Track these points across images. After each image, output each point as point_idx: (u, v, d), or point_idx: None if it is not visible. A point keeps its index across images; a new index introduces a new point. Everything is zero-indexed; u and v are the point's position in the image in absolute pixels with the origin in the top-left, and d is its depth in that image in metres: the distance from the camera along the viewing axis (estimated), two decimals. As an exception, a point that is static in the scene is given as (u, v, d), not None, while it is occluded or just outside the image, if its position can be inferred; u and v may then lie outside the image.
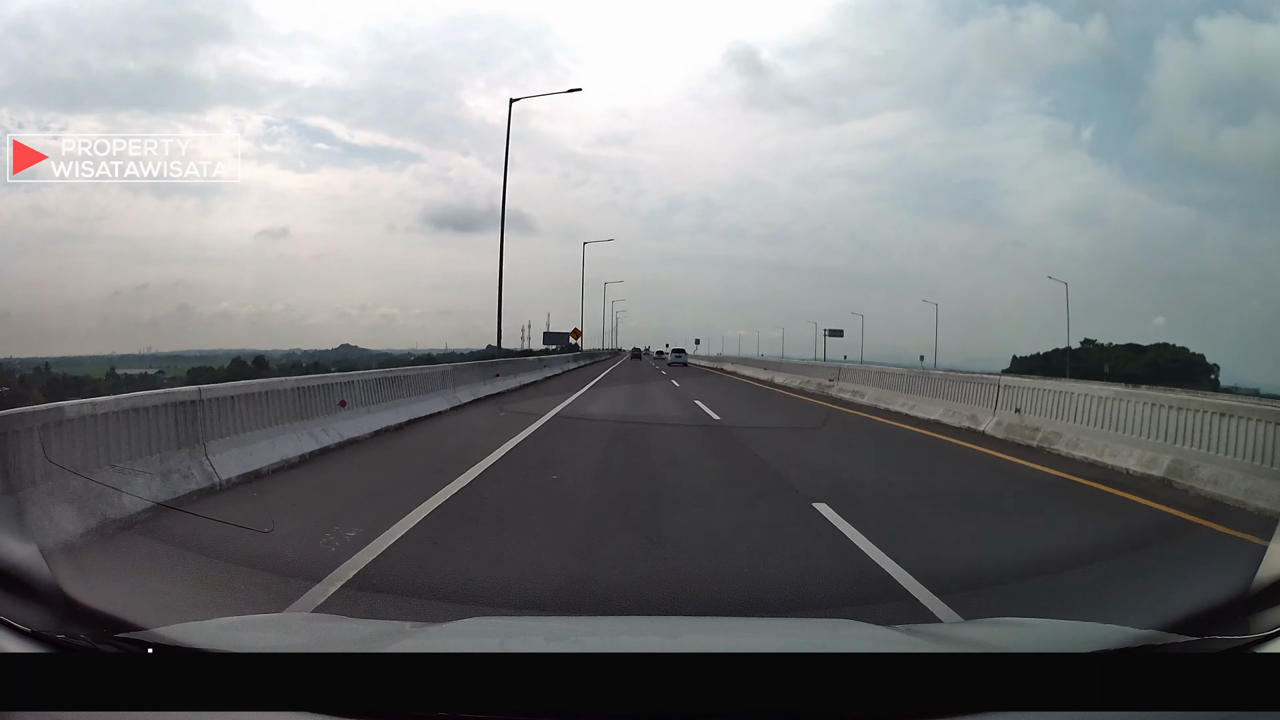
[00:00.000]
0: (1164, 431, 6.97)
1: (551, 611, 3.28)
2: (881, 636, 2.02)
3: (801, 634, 2.34)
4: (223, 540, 4.17)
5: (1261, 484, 5.75)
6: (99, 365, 52.41)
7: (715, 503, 5.86)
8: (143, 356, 61.11)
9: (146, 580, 3.57)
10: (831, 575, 3.93)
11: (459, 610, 2.85)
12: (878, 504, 5.73)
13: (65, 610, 1.75)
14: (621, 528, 4.83)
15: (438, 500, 5.37)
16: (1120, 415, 7.61)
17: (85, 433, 4.36)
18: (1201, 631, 1.78)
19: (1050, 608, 3.21)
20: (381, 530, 4.41)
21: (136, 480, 4.68)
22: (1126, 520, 5.55)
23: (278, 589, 3.41)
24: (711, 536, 4.69)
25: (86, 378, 39.56)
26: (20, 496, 3.79)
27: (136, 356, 61.04)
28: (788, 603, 3.49)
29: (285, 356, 63.52)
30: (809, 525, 4.92)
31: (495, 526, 4.88)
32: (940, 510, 5.74)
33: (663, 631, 2.35)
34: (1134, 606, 3.34)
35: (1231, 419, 6.23)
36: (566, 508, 5.48)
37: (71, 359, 53.85)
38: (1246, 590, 1.88)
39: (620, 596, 3.57)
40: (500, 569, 3.88)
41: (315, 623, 2.66)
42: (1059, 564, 4.04)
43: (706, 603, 3.46)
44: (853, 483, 6.63)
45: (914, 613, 3.29)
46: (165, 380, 33.55)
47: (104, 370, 47.15)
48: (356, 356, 67.73)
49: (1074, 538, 5.00)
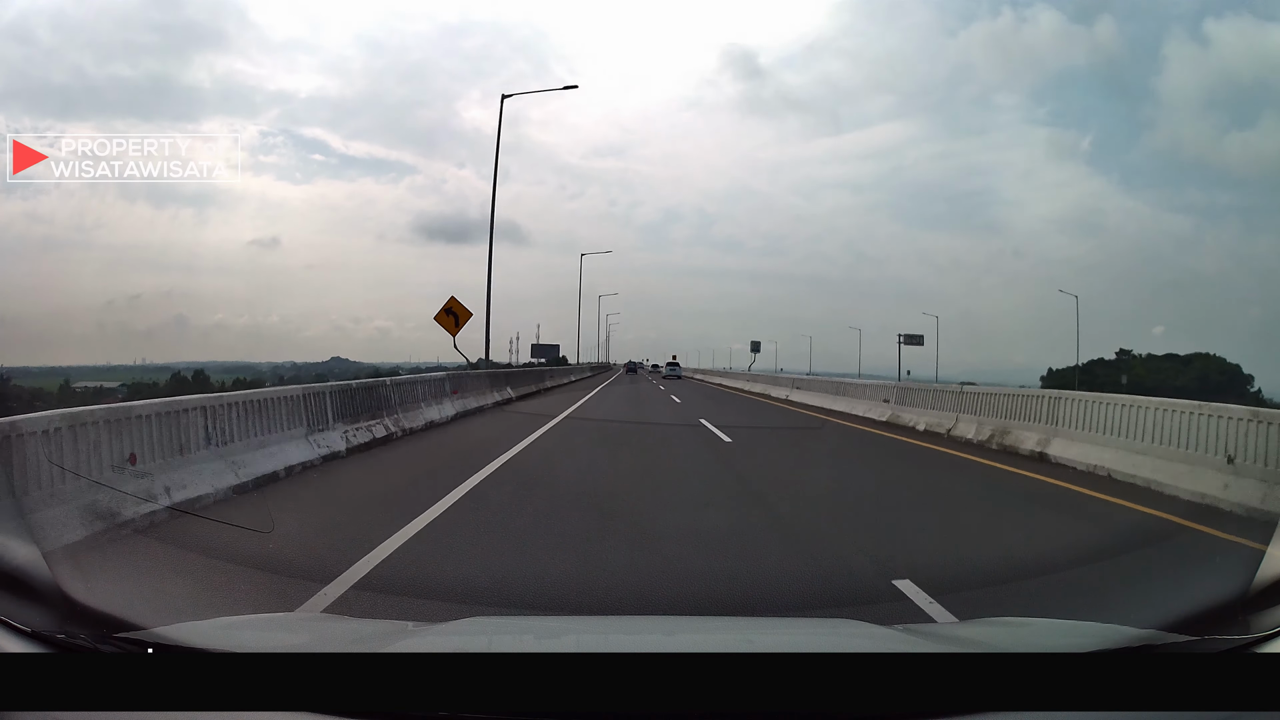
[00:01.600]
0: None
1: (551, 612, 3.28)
2: (882, 636, 2.02)
3: (801, 633, 2.34)
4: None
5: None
6: (86, 375, 51.98)
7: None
8: (131, 368, 60.82)
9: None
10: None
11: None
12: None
13: (65, 610, 1.75)
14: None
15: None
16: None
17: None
18: (1201, 631, 1.78)
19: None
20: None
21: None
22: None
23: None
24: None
25: (39, 390, 38.87)
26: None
27: (126, 368, 60.79)
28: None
29: (273, 370, 62.79)
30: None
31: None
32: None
33: (662, 631, 2.35)
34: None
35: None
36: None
37: (60, 369, 53.61)
38: (1246, 590, 1.88)
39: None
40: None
41: (315, 622, 2.66)
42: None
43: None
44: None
45: (914, 615, 3.28)
46: (121, 395, 32.88)
47: (58, 383, 46.31)
48: (343, 369, 67.03)
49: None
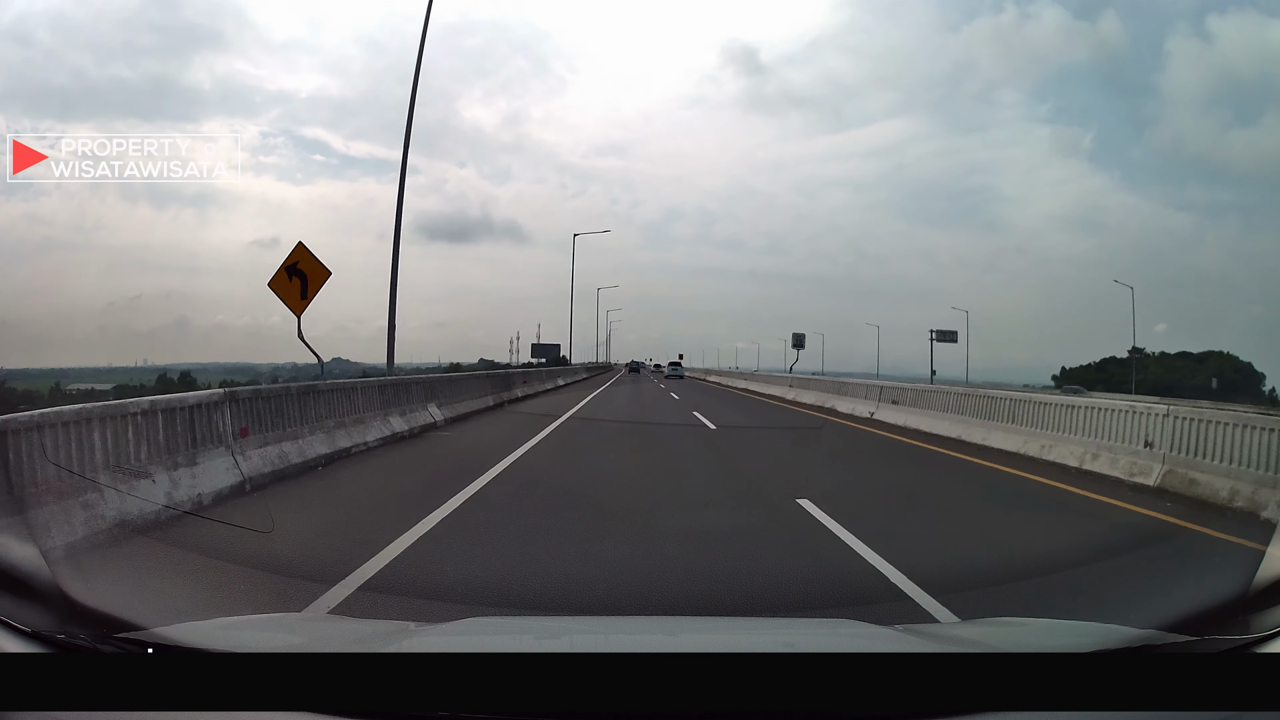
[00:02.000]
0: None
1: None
2: (881, 636, 2.02)
3: (801, 633, 2.33)
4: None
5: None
6: (85, 377, 51.59)
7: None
8: (131, 370, 60.39)
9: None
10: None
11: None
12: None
13: (65, 610, 1.75)
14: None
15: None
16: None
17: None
18: (1201, 631, 1.77)
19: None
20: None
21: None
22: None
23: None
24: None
25: (30, 392, 38.46)
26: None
27: (125, 369, 60.38)
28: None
29: (274, 370, 62.10)
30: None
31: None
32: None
33: (662, 631, 2.35)
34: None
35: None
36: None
37: (60, 371, 53.25)
38: (1246, 590, 1.88)
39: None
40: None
41: (315, 623, 2.66)
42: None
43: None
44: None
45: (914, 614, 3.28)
46: (111, 395, 32.82)
47: (49, 384, 45.97)
48: (342, 370, 66.50)
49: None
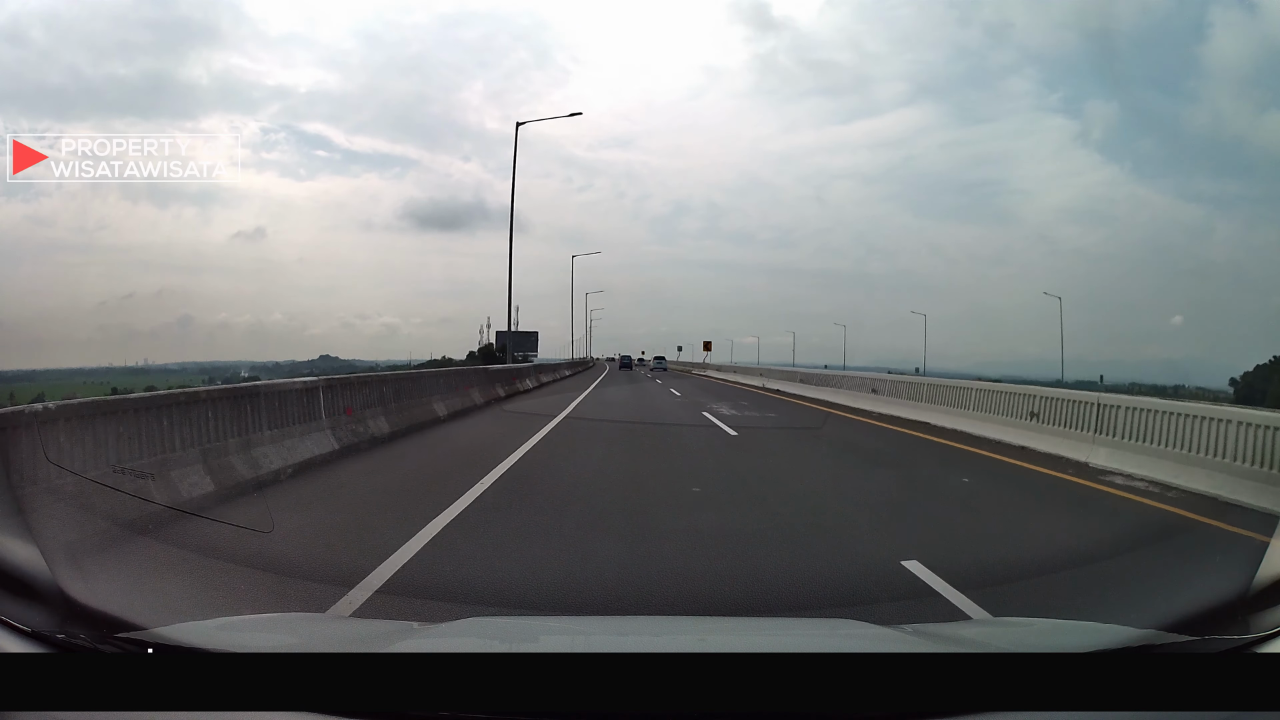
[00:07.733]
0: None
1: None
2: (882, 636, 2.02)
3: (802, 634, 2.33)
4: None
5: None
6: (86, 379, 50.91)
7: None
8: (130, 370, 59.79)
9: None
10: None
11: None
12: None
13: (65, 610, 1.75)
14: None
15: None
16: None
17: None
18: (1201, 631, 1.77)
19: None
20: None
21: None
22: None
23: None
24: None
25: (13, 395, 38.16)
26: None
27: (123, 370, 59.79)
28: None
29: (273, 368, 61.47)
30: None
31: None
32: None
33: (664, 631, 2.35)
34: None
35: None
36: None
37: (60, 371, 52.74)
38: (1246, 590, 1.87)
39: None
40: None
41: (315, 623, 2.66)
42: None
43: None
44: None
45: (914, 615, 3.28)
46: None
47: (37, 389, 45.04)
48: (330, 367, 65.68)
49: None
